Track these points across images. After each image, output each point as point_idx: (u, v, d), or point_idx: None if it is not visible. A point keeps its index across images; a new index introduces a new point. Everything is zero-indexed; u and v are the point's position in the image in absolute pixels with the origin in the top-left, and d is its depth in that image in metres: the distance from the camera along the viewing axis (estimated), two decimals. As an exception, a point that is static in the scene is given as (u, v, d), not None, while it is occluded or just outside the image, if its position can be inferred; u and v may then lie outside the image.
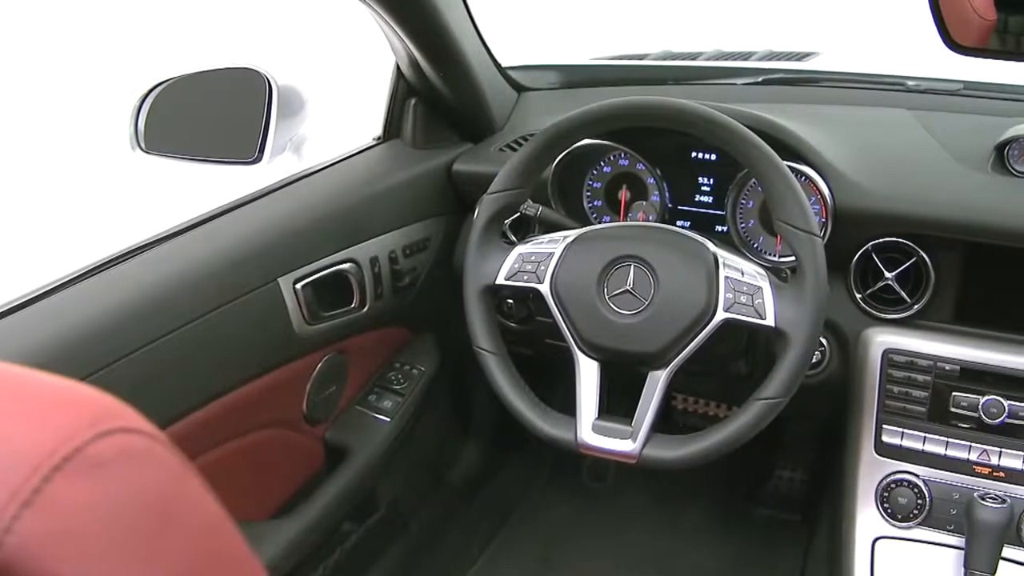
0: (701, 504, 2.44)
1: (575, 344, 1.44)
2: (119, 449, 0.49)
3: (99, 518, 0.47)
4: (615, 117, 1.46)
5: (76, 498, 0.47)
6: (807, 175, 1.62)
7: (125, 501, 0.48)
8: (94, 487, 0.47)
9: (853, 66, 2.26)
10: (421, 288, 1.85)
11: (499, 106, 1.96)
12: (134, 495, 0.49)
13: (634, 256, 1.42)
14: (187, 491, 0.52)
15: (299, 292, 1.55)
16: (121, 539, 0.48)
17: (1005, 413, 1.54)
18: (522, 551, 2.31)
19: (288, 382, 1.61)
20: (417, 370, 1.92)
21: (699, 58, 2.28)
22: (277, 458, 1.69)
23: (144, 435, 0.51)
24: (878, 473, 1.63)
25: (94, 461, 0.48)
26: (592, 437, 1.42)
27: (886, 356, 1.60)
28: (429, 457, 2.26)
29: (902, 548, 1.62)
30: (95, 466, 0.48)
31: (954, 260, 1.61)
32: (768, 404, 1.37)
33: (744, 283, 1.39)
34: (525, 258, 1.48)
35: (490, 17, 1.96)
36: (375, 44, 1.81)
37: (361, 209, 1.71)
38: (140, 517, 0.49)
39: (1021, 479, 1.55)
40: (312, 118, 1.79)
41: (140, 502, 0.49)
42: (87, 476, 0.47)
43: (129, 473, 0.49)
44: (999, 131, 1.62)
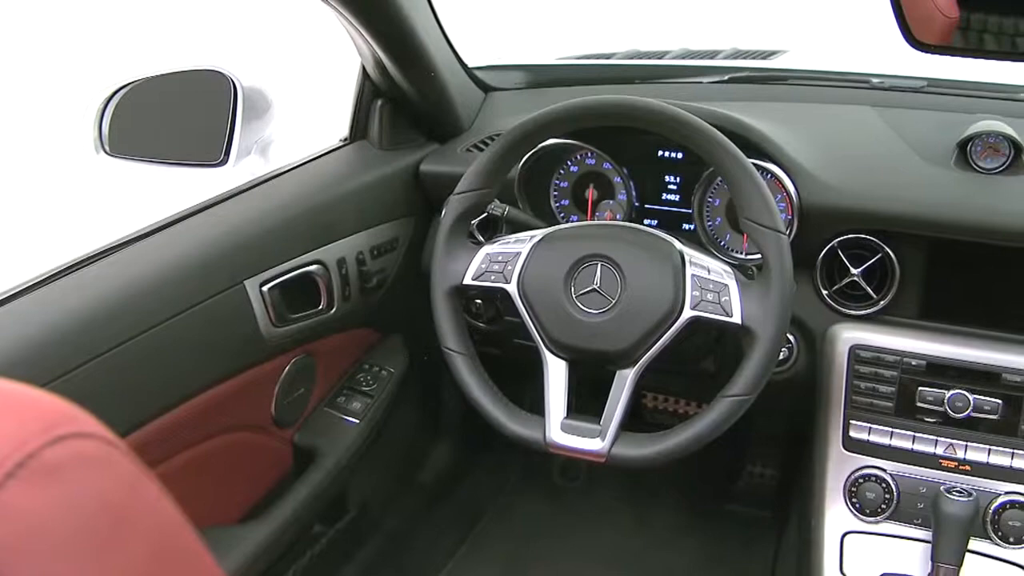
0: (672, 502, 2.44)
1: (543, 344, 1.44)
2: (73, 454, 0.49)
3: (53, 523, 0.47)
4: (580, 117, 1.46)
5: (30, 504, 0.46)
6: (773, 173, 1.62)
7: (80, 506, 0.48)
8: (48, 492, 0.47)
9: (819, 64, 2.27)
10: (389, 289, 1.84)
11: (465, 106, 1.95)
12: (89, 500, 0.49)
13: (601, 255, 1.42)
14: (143, 495, 0.52)
15: (266, 294, 1.54)
16: (76, 544, 0.47)
17: (970, 407, 1.55)
18: (494, 551, 2.30)
19: (256, 385, 1.61)
20: (386, 371, 1.92)
21: (665, 57, 2.28)
22: (246, 461, 1.68)
23: (99, 440, 0.50)
24: (846, 468, 1.64)
25: (48, 466, 0.47)
26: (561, 436, 1.42)
27: (853, 352, 1.61)
28: (399, 458, 2.26)
29: (870, 542, 1.63)
30: (49, 471, 0.47)
31: (919, 256, 1.62)
32: (735, 401, 1.37)
33: (711, 281, 1.39)
34: (492, 258, 1.47)
35: (456, 18, 1.96)
36: (341, 45, 1.81)
37: (328, 210, 1.70)
38: (95, 522, 0.48)
39: (986, 472, 1.56)
40: (278, 120, 1.78)
41: (95, 507, 0.49)
42: (41, 481, 0.47)
43: (84, 478, 0.49)
44: (962, 128, 1.64)
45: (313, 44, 3.05)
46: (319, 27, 1.88)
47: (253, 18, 4.33)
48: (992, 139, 1.61)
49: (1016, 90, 1.87)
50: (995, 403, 1.54)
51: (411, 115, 1.90)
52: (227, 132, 1.61)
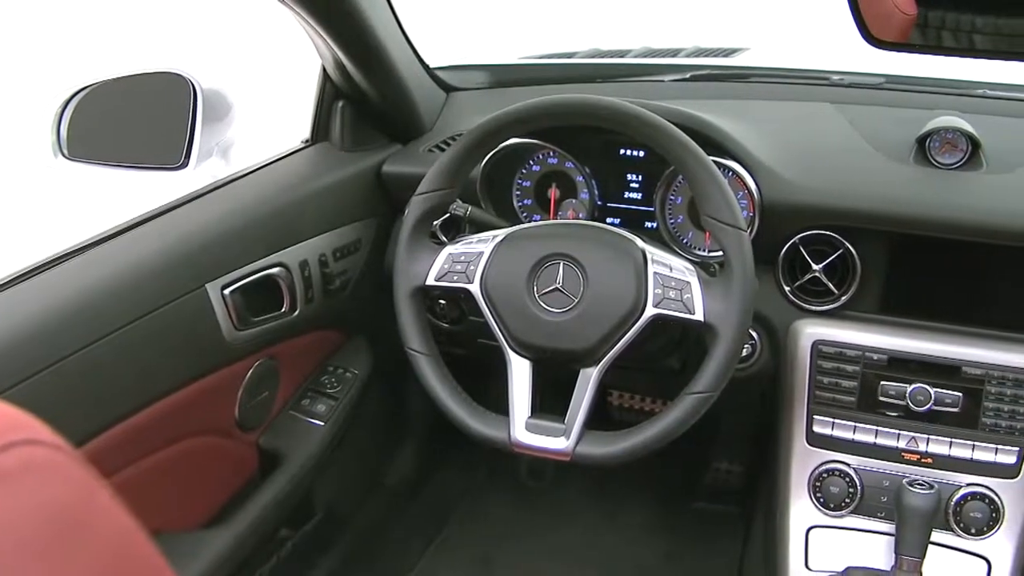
0: (640, 499, 2.45)
1: (506, 343, 1.44)
2: (22, 462, 0.48)
3: (1, 532, 0.46)
4: (541, 116, 1.46)
5: None
6: (734, 170, 1.63)
7: (28, 514, 0.47)
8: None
9: (780, 61, 2.29)
10: (353, 291, 1.84)
11: (427, 107, 1.95)
12: (37, 507, 0.48)
13: (563, 254, 1.42)
14: (95, 503, 0.52)
15: (227, 298, 1.53)
16: (23, 552, 0.47)
17: (931, 400, 1.57)
18: (462, 552, 2.30)
19: (219, 389, 1.59)
20: (351, 373, 1.91)
21: (627, 56, 2.29)
22: (210, 466, 1.67)
23: (49, 447, 0.50)
24: (810, 463, 1.65)
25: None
26: (525, 436, 1.42)
27: (815, 347, 1.62)
28: (365, 460, 2.25)
29: (835, 536, 1.65)
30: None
31: (879, 251, 1.63)
32: (699, 398, 1.38)
33: (673, 278, 1.40)
34: (455, 258, 1.47)
35: (417, 18, 1.95)
36: (302, 46, 1.80)
37: (290, 212, 1.69)
38: (43, 530, 0.48)
39: (948, 465, 1.58)
40: (239, 122, 1.77)
41: (43, 515, 0.48)
42: None
43: (32, 485, 0.48)
44: (920, 123, 1.65)
45: (274, 46, 3.03)
46: (279, 28, 1.87)
47: (212, 20, 4.30)
48: (950, 135, 1.62)
49: (974, 86, 1.89)
50: (955, 396, 1.56)
51: (373, 116, 1.89)
52: (187, 135, 1.60)
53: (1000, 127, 1.71)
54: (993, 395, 1.55)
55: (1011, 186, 1.59)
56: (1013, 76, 1.92)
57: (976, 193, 1.59)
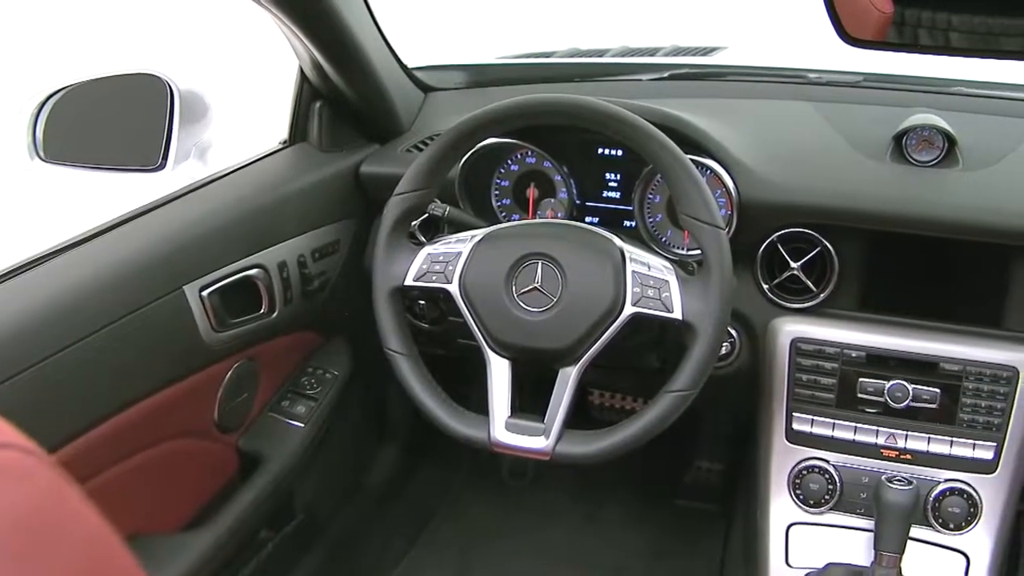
0: (621, 498, 2.45)
1: (485, 343, 1.44)
2: None
3: None
4: (518, 115, 1.46)
5: None
6: (712, 169, 1.64)
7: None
8: None
9: (757, 60, 2.29)
10: (332, 291, 1.83)
11: (405, 107, 1.95)
12: (7, 511, 0.48)
13: (541, 253, 1.42)
14: (66, 507, 0.51)
15: (205, 299, 1.53)
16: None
17: (909, 397, 1.57)
18: (443, 552, 2.30)
19: (198, 391, 1.59)
20: (330, 374, 1.91)
21: (606, 55, 2.29)
22: (189, 468, 1.66)
23: (19, 450, 0.49)
24: (790, 460, 1.66)
25: None
26: (505, 435, 1.42)
27: (794, 345, 1.63)
28: (346, 461, 2.24)
29: (815, 533, 1.65)
30: None
31: (857, 249, 1.64)
32: (678, 396, 1.38)
33: (651, 277, 1.40)
34: (433, 258, 1.47)
35: (395, 18, 1.95)
36: (279, 47, 1.79)
37: (268, 213, 1.69)
38: (14, 533, 0.47)
39: (926, 461, 1.59)
40: (216, 123, 1.77)
41: (14, 518, 0.48)
42: None
43: (3, 489, 0.48)
44: (897, 121, 1.66)
45: (252, 46, 3.02)
46: (257, 29, 1.86)
47: (189, 21, 4.28)
48: (926, 132, 1.63)
49: (950, 84, 1.90)
50: (933, 392, 1.57)
51: (351, 116, 1.88)
52: (164, 136, 1.59)
53: (976, 124, 1.72)
54: (970, 391, 1.56)
55: (986, 183, 1.60)
56: (989, 74, 1.93)
57: (952, 190, 1.59)
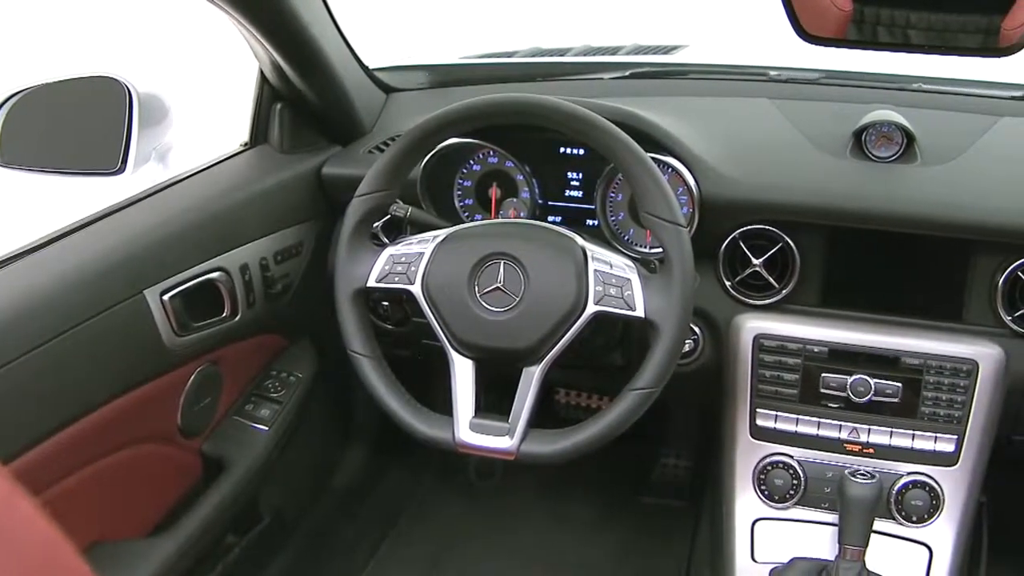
0: (589, 496, 2.46)
1: (449, 343, 1.44)
2: None
3: None
4: (478, 116, 1.45)
5: None
6: (673, 167, 1.64)
7: None
8: None
9: (718, 58, 2.31)
10: (295, 294, 1.83)
11: (367, 108, 1.94)
12: None
13: (503, 253, 1.42)
14: (15, 513, 0.51)
15: (167, 303, 1.52)
16: None
17: (871, 391, 1.58)
18: (411, 553, 2.29)
19: (160, 395, 1.58)
20: (294, 377, 1.90)
21: (567, 54, 2.29)
22: (153, 473, 1.65)
23: None
24: (754, 456, 1.67)
25: None
26: (469, 436, 1.42)
27: (757, 341, 1.64)
28: (312, 463, 2.24)
29: (780, 528, 1.66)
30: None
31: (818, 245, 1.65)
32: (641, 394, 1.38)
33: (613, 276, 1.40)
34: (395, 259, 1.46)
35: (356, 18, 1.94)
36: (240, 48, 1.78)
37: (229, 216, 1.68)
38: None
39: (889, 454, 1.60)
40: (177, 126, 1.75)
41: None
42: None
43: None
44: (857, 117, 1.67)
45: (212, 48, 3.00)
46: (217, 31, 1.85)
47: (147, 23, 4.24)
48: (885, 128, 1.65)
49: (909, 80, 1.92)
50: (895, 386, 1.58)
51: (312, 118, 1.88)
52: (124, 139, 1.58)
53: (934, 120, 1.73)
54: (931, 384, 1.57)
55: (945, 178, 1.61)
56: (947, 70, 1.95)
57: (911, 185, 1.61)
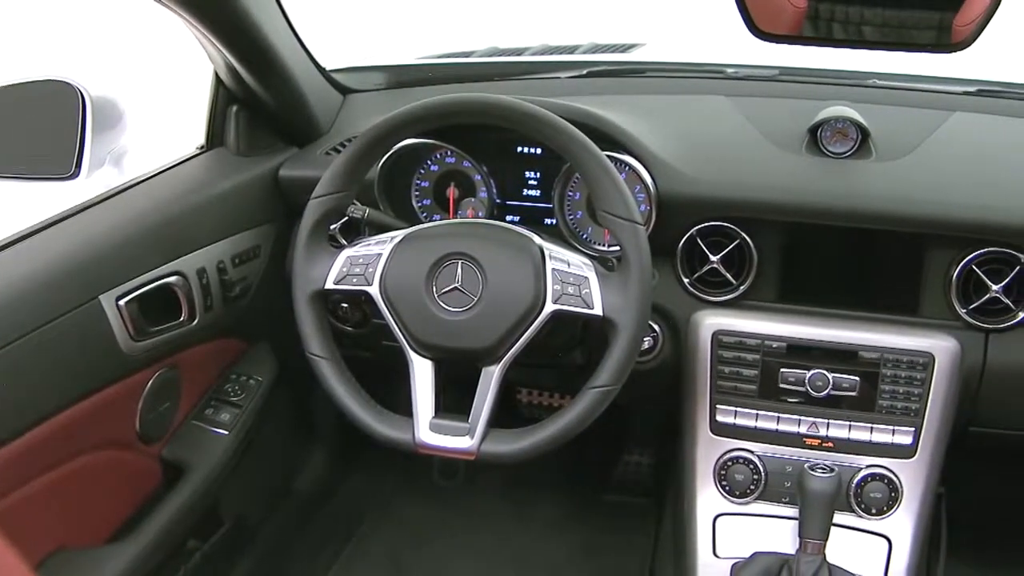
0: (553, 495, 2.46)
1: (407, 344, 1.44)
2: None
3: None
4: (434, 116, 1.45)
5: None
6: (630, 165, 1.65)
7: None
8: None
9: (675, 56, 2.31)
10: (254, 297, 1.82)
11: (323, 109, 1.93)
12: None
13: (460, 253, 1.42)
14: None
15: (123, 308, 1.50)
16: None
17: (830, 385, 1.60)
18: (375, 555, 2.29)
19: (118, 401, 1.56)
20: (254, 380, 1.89)
21: (525, 53, 2.29)
22: (111, 480, 1.64)
23: None
24: (715, 452, 1.67)
25: None
26: (430, 436, 1.42)
27: (715, 337, 1.64)
28: (273, 467, 2.22)
29: (742, 523, 1.67)
30: None
31: (775, 241, 1.66)
32: (601, 392, 1.39)
33: (571, 274, 1.40)
34: (353, 261, 1.46)
35: (312, 19, 1.93)
36: (194, 50, 1.77)
37: (185, 220, 1.66)
38: None
39: (848, 448, 1.62)
40: (131, 129, 1.74)
41: None
42: None
43: None
44: (813, 114, 1.68)
45: (167, 50, 2.98)
46: (172, 33, 1.84)
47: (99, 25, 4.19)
48: (840, 124, 1.66)
49: (863, 76, 1.94)
50: (853, 380, 1.59)
51: (268, 120, 1.87)
52: (77, 144, 1.56)
53: (888, 116, 1.75)
54: (888, 378, 1.59)
55: (899, 173, 1.63)
56: (901, 66, 1.96)
57: (866, 181, 1.62)
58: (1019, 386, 1.63)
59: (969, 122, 1.78)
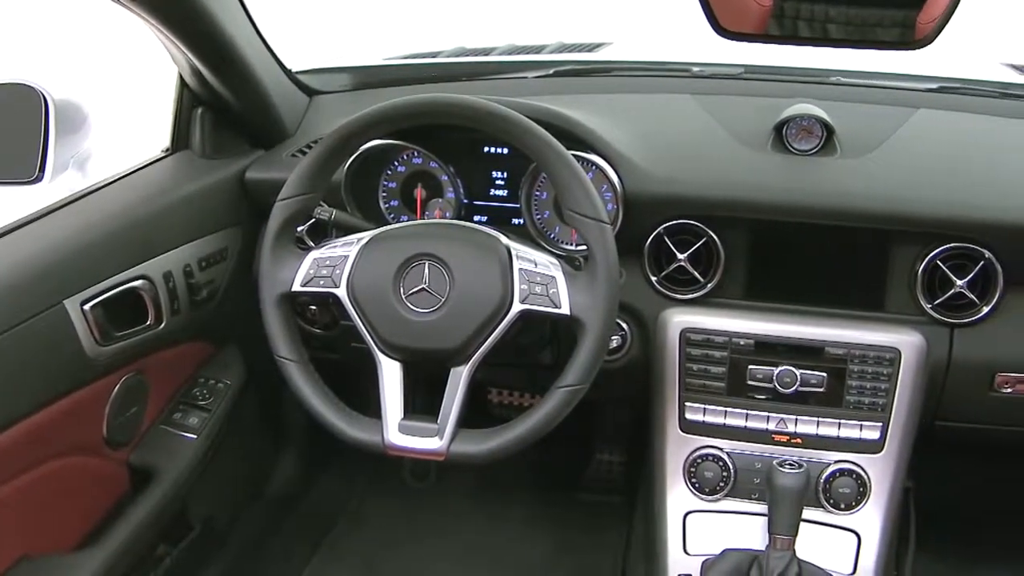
0: (525, 495, 2.46)
1: (375, 346, 1.43)
2: None
3: None
4: (399, 117, 1.45)
5: None
6: (596, 164, 1.65)
7: None
8: None
9: (642, 55, 2.32)
10: (221, 300, 1.81)
11: (289, 111, 1.92)
12: None
13: (427, 254, 1.42)
14: None
15: (88, 313, 1.49)
16: None
17: (797, 382, 1.60)
18: (348, 558, 2.28)
19: (84, 406, 1.55)
20: (223, 384, 1.88)
21: (492, 53, 2.29)
22: (79, 486, 1.63)
23: None
24: (684, 450, 1.68)
25: None
26: (399, 438, 1.41)
27: (683, 335, 1.65)
28: (243, 471, 2.21)
29: (712, 520, 1.67)
30: None
31: (742, 239, 1.67)
32: (569, 391, 1.39)
33: (538, 274, 1.40)
34: (320, 263, 1.45)
35: (276, 21, 1.93)
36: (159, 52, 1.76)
37: (151, 223, 1.65)
38: None
39: (816, 443, 1.62)
40: (96, 132, 1.73)
41: None
42: None
43: None
44: (778, 112, 1.69)
45: (132, 52, 2.96)
46: (137, 35, 1.82)
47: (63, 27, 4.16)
48: (806, 122, 1.67)
49: (828, 74, 1.95)
50: (820, 376, 1.60)
51: (234, 122, 1.86)
52: (40, 147, 1.55)
53: (853, 113, 1.76)
54: (855, 374, 1.60)
55: (863, 170, 1.64)
56: (865, 63, 1.98)
57: (830, 178, 1.63)
58: (984, 380, 1.64)
59: (932, 119, 1.79)
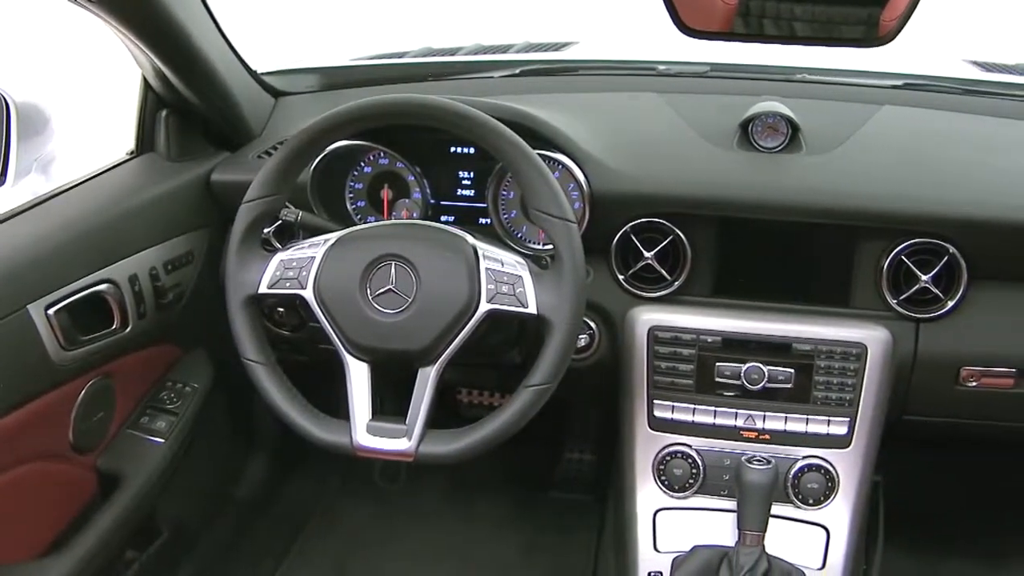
0: (496, 495, 2.46)
1: (343, 347, 1.43)
2: None
3: None
4: (364, 117, 1.44)
5: None
6: (563, 163, 1.65)
7: None
8: None
9: (608, 53, 2.32)
10: (188, 303, 1.80)
11: (255, 112, 1.92)
12: None
13: (394, 254, 1.41)
14: None
15: (52, 317, 1.48)
16: None
17: (765, 378, 1.61)
18: (319, 560, 2.27)
19: (50, 412, 1.54)
20: (190, 387, 1.87)
21: (458, 53, 2.29)
22: (44, 492, 1.61)
23: None
24: (653, 447, 1.68)
25: None
26: (367, 439, 1.41)
27: (651, 333, 1.65)
28: (212, 474, 2.20)
29: (681, 517, 1.68)
30: None
31: (709, 236, 1.67)
32: (537, 391, 1.39)
33: (505, 273, 1.40)
34: (286, 265, 1.45)
35: (241, 21, 1.92)
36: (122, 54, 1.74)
37: (115, 226, 1.64)
38: None
39: (784, 439, 1.63)
40: (59, 135, 1.71)
41: None
42: None
43: None
44: (743, 109, 1.70)
45: (96, 55, 2.94)
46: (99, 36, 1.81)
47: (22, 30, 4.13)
48: (771, 119, 1.68)
49: (793, 71, 1.96)
50: (788, 372, 1.61)
51: (199, 124, 1.85)
52: (2, 151, 1.54)
53: (818, 110, 1.77)
54: (822, 369, 1.61)
55: (828, 167, 1.65)
56: (831, 61, 1.99)
57: (796, 174, 1.64)
58: (950, 374, 1.65)
59: (897, 115, 1.80)
